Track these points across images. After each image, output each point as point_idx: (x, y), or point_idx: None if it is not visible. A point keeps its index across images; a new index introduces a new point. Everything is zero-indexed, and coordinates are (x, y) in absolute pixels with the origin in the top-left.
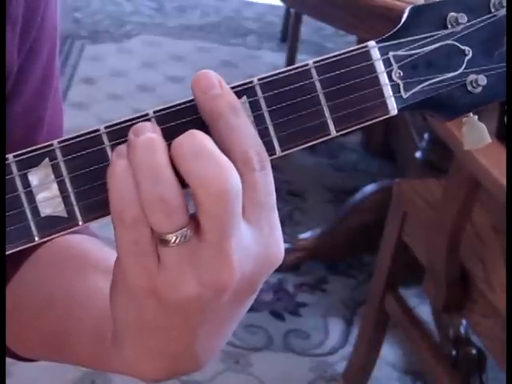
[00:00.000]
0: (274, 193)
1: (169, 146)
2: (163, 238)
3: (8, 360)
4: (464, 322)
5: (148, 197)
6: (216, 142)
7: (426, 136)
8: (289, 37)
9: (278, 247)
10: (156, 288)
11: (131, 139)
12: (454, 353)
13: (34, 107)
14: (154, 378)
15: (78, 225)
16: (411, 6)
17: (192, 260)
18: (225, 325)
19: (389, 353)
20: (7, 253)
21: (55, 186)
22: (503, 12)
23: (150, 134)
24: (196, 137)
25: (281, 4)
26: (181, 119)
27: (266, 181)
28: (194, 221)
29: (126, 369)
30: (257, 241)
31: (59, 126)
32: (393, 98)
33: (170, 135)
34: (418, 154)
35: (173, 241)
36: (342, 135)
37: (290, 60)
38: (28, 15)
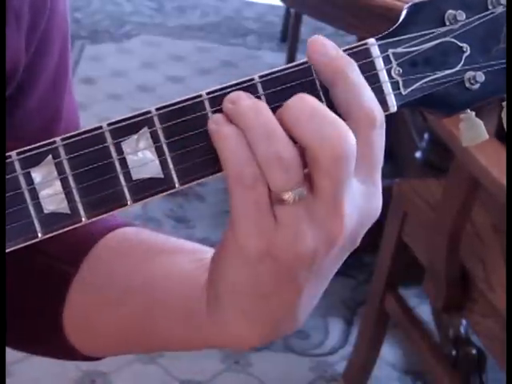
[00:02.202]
0: (384, 149)
1: None
2: (280, 196)
3: (8, 360)
4: (464, 321)
5: (266, 155)
6: (337, 103)
7: (425, 136)
8: (289, 37)
9: (378, 203)
10: (274, 248)
11: (231, 108)
12: (454, 353)
13: (49, 99)
14: (252, 344)
15: (80, 221)
16: (410, 3)
17: (307, 217)
18: (323, 280)
19: (389, 353)
20: (10, 249)
21: (58, 183)
22: (501, 9)
23: (252, 99)
24: (309, 99)
25: (281, 4)
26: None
27: (382, 139)
28: (307, 178)
29: (223, 338)
30: (362, 196)
31: (76, 122)
32: (392, 95)
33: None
34: (417, 154)
35: (290, 199)
36: None
37: (290, 60)
38: (35, 7)
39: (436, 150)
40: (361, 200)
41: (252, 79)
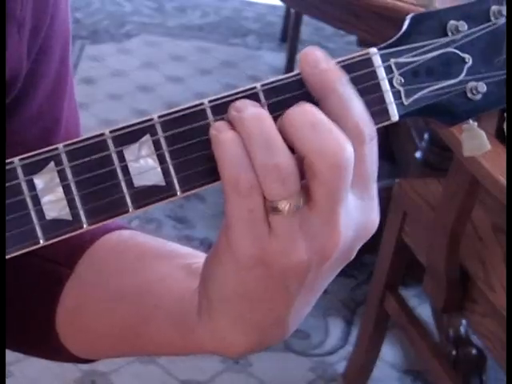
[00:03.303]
0: (377, 163)
1: None
2: (276, 205)
3: (8, 360)
4: (464, 321)
5: (263, 164)
6: (327, 116)
7: (425, 136)
8: (289, 37)
9: (375, 216)
10: (266, 255)
11: (235, 115)
12: (453, 353)
13: (49, 108)
14: (241, 352)
15: (82, 228)
16: (412, 14)
17: (302, 227)
18: (316, 292)
19: (389, 353)
20: (12, 255)
21: (60, 190)
22: (503, 20)
23: (256, 108)
24: (309, 109)
25: (281, 4)
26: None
27: (373, 153)
28: (303, 189)
29: (213, 344)
30: (359, 210)
31: (76, 127)
32: (394, 105)
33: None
34: (417, 154)
35: (286, 209)
36: None
37: (290, 60)
38: (37, 15)
39: (436, 150)
40: (357, 214)
41: (254, 87)
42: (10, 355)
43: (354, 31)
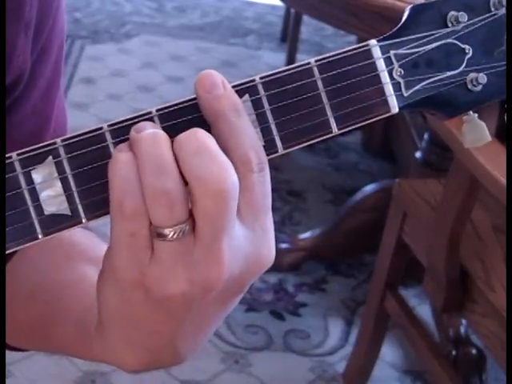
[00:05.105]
0: (270, 195)
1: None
2: (161, 231)
3: (8, 360)
4: (464, 321)
5: (151, 188)
6: (217, 142)
7: (425, 136)
8: (289, 37)
9: (269, 250)
10: (145, 281)
11: (133, 135)
12: (453, 353)
13: (42, 107)
14: (134, 369)
15: (81, 223)
16: (412, 4)
17: (185, 257)
18: (208, 322)
19: (389, 353)
20: (10, 250)
21: (59, 184)
22: (503, 11)
23: (154, 130)
24: (198, 134)
25: (281, 4)
26: (183, 117)
27: (264, 183)
28: (192, 218)
29: (107, 358)
30: (249, 242)
31: (64, 125)
32: (394, 97)
33: (172, 133)
34: (417, 154)
35: (170, 235)
36: (342, 134)
37: (290, 60)
38: (40, 18)
39: (436, 149)
40: (246, 246)
41: (253, 80)
42: (10, 355)
43: (353, 31)
